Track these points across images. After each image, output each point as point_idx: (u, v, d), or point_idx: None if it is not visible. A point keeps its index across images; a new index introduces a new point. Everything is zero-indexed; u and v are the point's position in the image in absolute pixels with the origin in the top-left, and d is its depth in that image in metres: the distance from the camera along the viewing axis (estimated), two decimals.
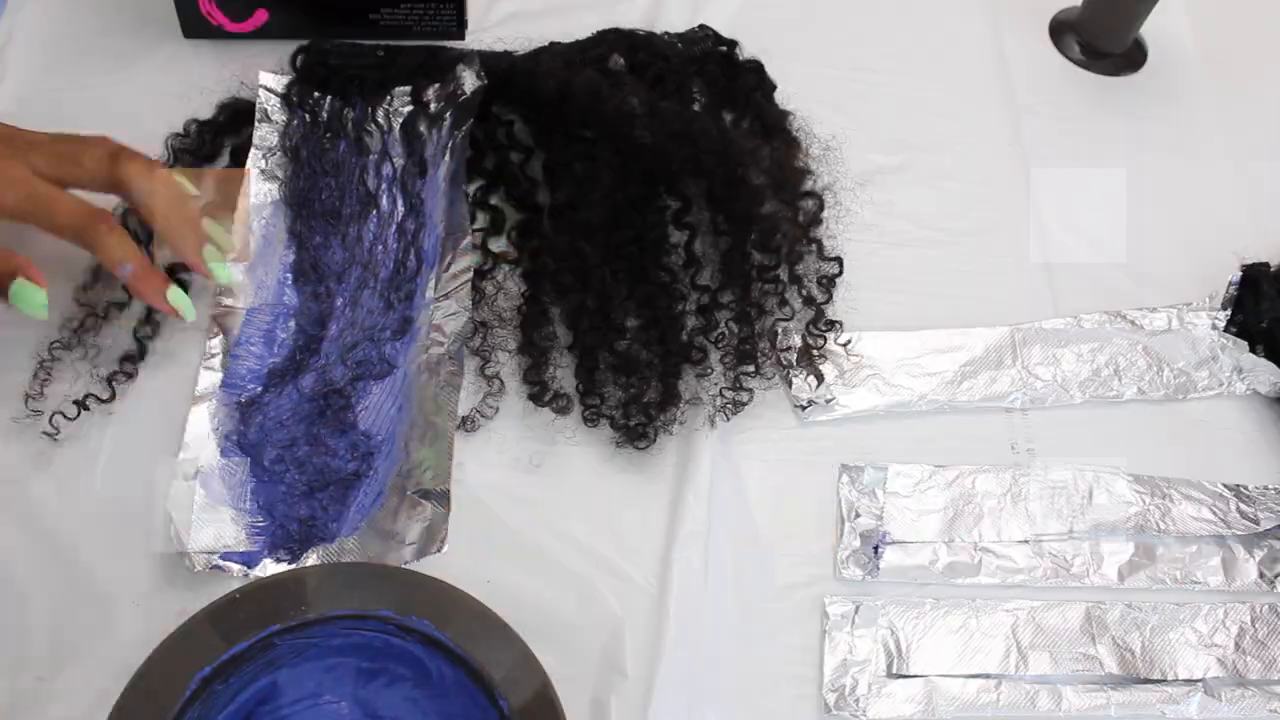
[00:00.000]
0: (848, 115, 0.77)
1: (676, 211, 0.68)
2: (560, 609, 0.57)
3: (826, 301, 0.67)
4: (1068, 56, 0.83)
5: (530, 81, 0.71)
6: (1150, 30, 0.83)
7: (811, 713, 0.56)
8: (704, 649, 0.56)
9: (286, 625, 0.51)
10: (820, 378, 0.64)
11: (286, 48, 0.75)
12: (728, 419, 0.63)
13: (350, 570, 0.55)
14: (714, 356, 0.65)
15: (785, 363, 0.65)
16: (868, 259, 0.70)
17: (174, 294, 0.59)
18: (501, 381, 0.63)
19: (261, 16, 0.74)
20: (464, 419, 0.62)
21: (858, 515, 0.61)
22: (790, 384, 0.65)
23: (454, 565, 0.58)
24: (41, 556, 0.56)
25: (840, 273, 0.68)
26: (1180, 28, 0.85)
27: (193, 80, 0.73)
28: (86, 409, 0.60)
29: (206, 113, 0.71)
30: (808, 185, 0.71)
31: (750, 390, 0.64)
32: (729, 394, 0.63)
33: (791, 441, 0.63)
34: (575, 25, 0.79)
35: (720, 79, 0.76)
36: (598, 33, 0.76)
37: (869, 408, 0.64)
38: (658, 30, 0.78)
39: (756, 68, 0.77)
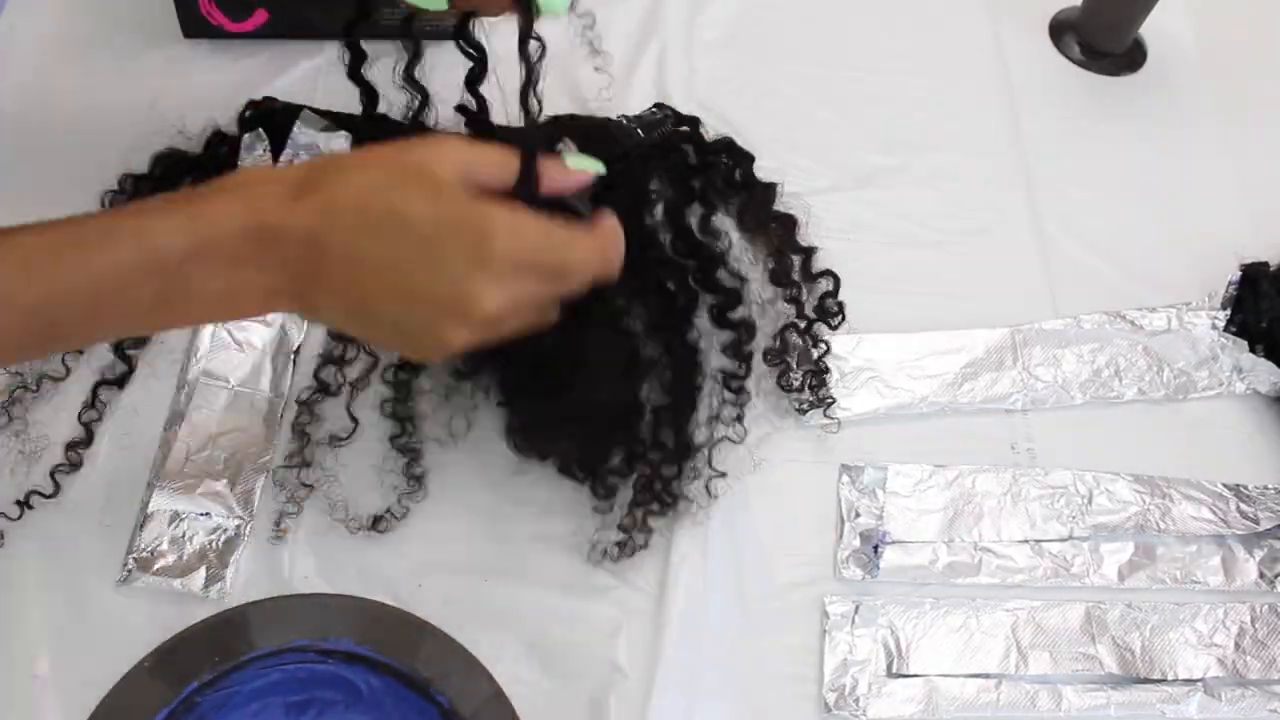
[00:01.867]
0: (848, 115, 0.77)
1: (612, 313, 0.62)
2: (561, 608, 0.57)
3: (821, 360, 0.65)
4: (1068, 56, 0.83)
5: None
6: (1150, 30, 0.83)
7: (811, 712, 0.56)
8: (704, 649, 0.56)
9: (204, 681, 0.50)
10: (822, 381, 0.64)
11: (286, 46, 0.75)
12: (616, 559, 0.58)
13: (286, 603, 0.54)
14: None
15: (786, 364, 0.65)
16: (868, 259, 0.70)
17: None
18: (424, 486, 0.60)
19: (261, 16, 0.74)
20: (376, 519, 0.58)
21: (858, 515, 0.61)
22: (791, 387, 0.65)
23: (453, 565, 0.58)
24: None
25: (843, 318, 0.67)
26: (1180, 28, 0.85)
27: (192, 79, 0.73)
28: (30, 508, 0.57)
29: (203, 113, 0.71)
30: (817, 265, 0.68)
31: (650, 530, 0.59)
32: (626, 535, 0.59)
33: (792, 442, 0.63)
34: (574, 26, 0.79)
35: (685, 168, 0.70)
36: (551, 118, 0.70)
37: (870, 410, 0.64)
38: (660, 31, 0.78)
39: (726, 146, 0.71)
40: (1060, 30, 0.84)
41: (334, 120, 0.71)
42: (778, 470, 0.62)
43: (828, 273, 0.68)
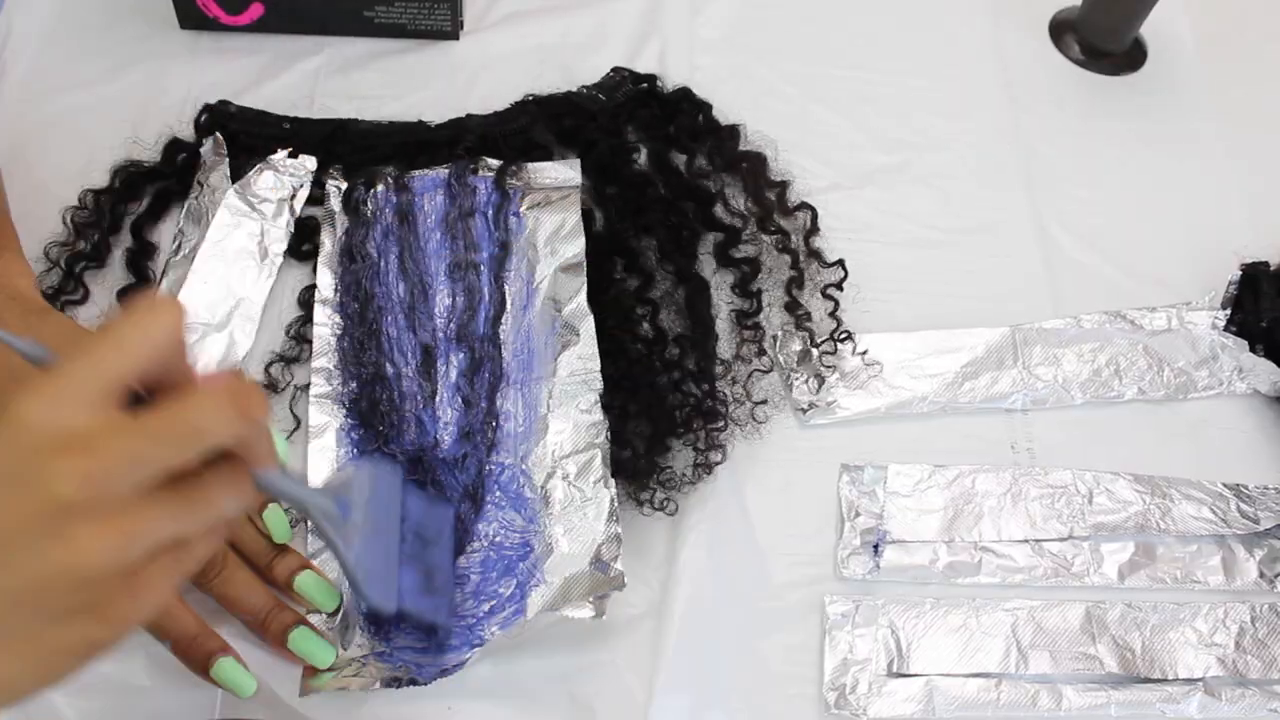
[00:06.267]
0: (848, 115, 0.77)
1: (637, 287, 0.66)
2: None
3: (835, 309, 0.67)
4: (1068, 56, 0.83)
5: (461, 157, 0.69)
6: (1150, 30, 0.83)
7: (812, 712, 0.56)
8: (704, 649, 0.56)
9: None
10: (822, 381, 0.64)
11: (287, 46, 0.75)
12: (698, 482, 0.60)
13: None
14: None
15: (786, 366, 0.65)
16: (867, 259, 0.69)
17: (220, 670, 0.50)
18: None
19: (257, 10, 0.74)
20: None
21: (858, 515, 0.61)
22: (791, 387, 0.65)
23: None
24: None
25: (846, 276, 0.68)
26: (1180, 28, 0.85)
27: (189, 73, 0.73)
28: None
29: (189, 112, 0.71)
30: (793, 199, 0.71)
31: (723, 448, 0.61)
32: (700, 454, 0.61)
33: (792, 441, 0.63)
34: (573, 25, 0.79)
35: (654, 120, 0.73)
36: (515, 104, 0.73)
37: (870, 409, 0.64)
38: (660, 30, 0.78)
39: (685, 95, 0.74)
40: (1060, 30, 0.84)
41: (294, 125, 0.71)
42: (778, 470, 0.62)
43: (804, 205, 0.70)
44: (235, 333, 0.63)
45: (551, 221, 0.65)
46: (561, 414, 0.59)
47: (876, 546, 0.60)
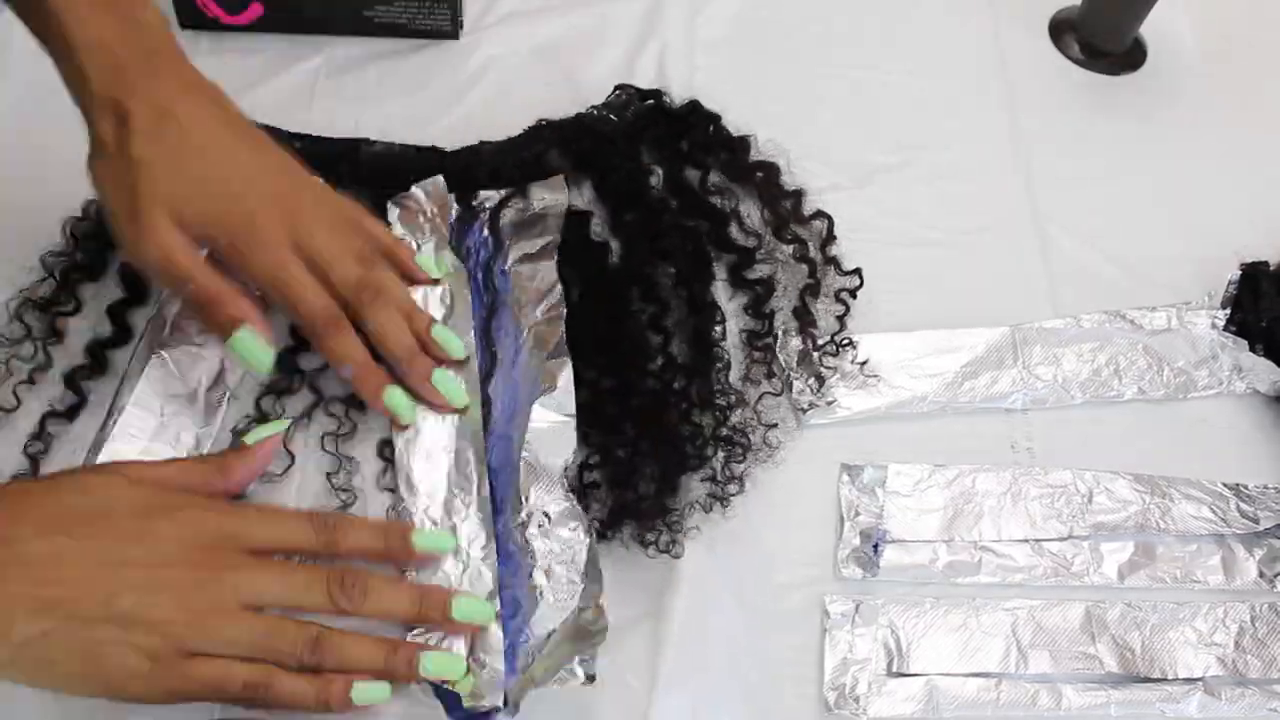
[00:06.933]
0: (848, 115, 0.77)
1: (652, 315, 0.64)
2: None
3: (844, 314, 0.67)
4: (1068, 56, 0.83)
5: (474, 185, 0.68)
6: (1150, 30, 0.83)
7: (812, 712, 0.56)
8: (705, 649, 0.56)
9: None
10: (822, 381, 0.64)
11: (281, 41, 0.75)
12: (716, 509, 0.60)
13: None
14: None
15: (786, 366, 0.65)
16: (867, 259, 0.69)
17: (390, 396, 0.58)
18: None
19: (256, 10, 0.75)
20: None
21: (858, 514, 0.61)
22: (791, 387, 0.65)
23: None
24: None
25: (862, 284, 0.68)
26: (1180, 27, 0.85)
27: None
28: None
29: None
30: (808, 208, 0.70)
31: (740, 479, 0.61)
32: (717, 486, 0.60)
33: (792, 442, 0.63)
34: (573, 25, 0.79)
35: (664, 137, 0.72)
36: (529, 130, 0.71)
37: (870, 409, 0.64)
38: (660, 30, 0.78)
39: (694, 108, 0.73)
40: (1060, 30, 0.84)
41: (304, 144, 0.69)
42: (778, 470, 0.62)
43: (820, 214, 0.70)
44: (227, 361, 0.61)
45: (533, 274, 0.64)
46: (537, 462, 0.57)
47: (876, 546, 0.60)
